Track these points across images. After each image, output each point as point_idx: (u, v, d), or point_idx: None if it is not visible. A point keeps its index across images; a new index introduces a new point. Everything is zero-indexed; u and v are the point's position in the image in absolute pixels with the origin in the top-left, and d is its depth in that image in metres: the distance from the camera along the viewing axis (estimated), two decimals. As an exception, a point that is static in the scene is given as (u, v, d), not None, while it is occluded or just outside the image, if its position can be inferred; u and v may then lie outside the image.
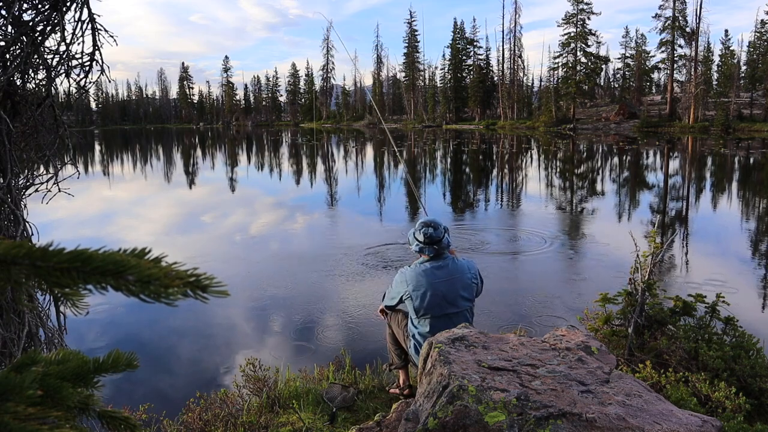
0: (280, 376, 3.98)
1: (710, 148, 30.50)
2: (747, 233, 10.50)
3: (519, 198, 15.56)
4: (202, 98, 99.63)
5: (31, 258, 0.45)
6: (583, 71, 52.64)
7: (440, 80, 70.57)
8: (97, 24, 2.43)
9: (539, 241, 9.41)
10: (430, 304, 3.23)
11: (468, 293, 3.31)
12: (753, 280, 7.37)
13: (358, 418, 3.44)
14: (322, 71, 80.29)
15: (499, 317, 5.85)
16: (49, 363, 0.70)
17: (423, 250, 3.31)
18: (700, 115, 44.42)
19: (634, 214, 12.84)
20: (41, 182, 2.45)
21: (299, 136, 55.44)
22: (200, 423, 3.24)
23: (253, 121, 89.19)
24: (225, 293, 0.47)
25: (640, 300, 3.87)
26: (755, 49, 50.53)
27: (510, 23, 59.24)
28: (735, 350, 3.47)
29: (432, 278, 3.25)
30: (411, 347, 3.40)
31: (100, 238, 10.62)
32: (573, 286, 7.14)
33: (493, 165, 25.70)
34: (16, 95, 2.26)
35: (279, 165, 28.56)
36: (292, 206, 15.01)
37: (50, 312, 2.46)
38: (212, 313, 6.22)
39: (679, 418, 1.93)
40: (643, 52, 59.75)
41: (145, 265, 0.45)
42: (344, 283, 7.26)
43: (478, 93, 61.55)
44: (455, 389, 2.02)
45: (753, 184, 17.55)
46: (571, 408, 1.88)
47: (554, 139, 41.46)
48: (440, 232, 3.31)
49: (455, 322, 3.13)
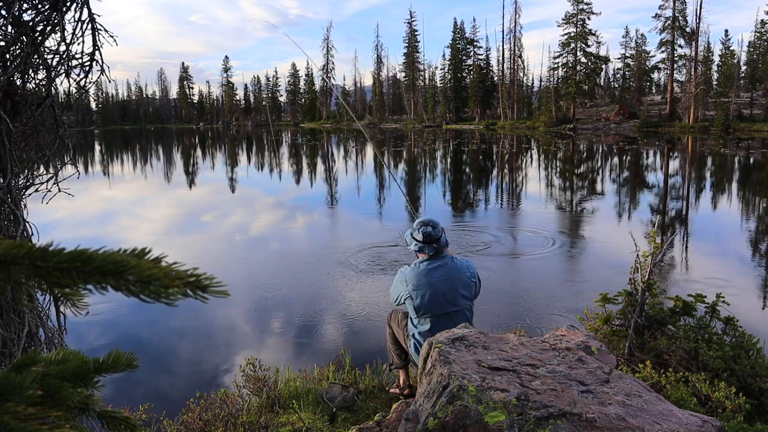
0: (280, 376, 3.98)
1: (710, 148, 30.50)
2: (747, 233, 10.50)
3: (519, 198, 15.56)
4: (202, 98, 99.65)
5: (31, 258, 0.45)
6: (583, 71, 52.64)
7: (440, 80, 70.59)
8: (97, 24, 2.43)
9: (539, 241, 9.41)
10: (430, 303, 3.23)
11: (467, 292, 3.32)
12: (753, 280, 7.37)
13: (358, 418, 3.44)
14: (322, 71, 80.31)
15: (499, 317, 5.85)
16: (49, 363, 0.70)
17: (422, 249, 3.33)
18: (700, 115, 44.42)
19: (634, 214, 12.84)
20: (41, 182, 2.44)
21: (299, 136, 55.46)
22: (200, 423, 3.24)
23: (253, 121, 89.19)
24: (225, 293, 0.47)
25: (640, 300, 3.87)
26: (755, 49, 50.53)
27: (510, 23, 59.27)
28: (735, 350, 3.47)
29: (432, 277, 3.25)
30: (411, 347, 3.40)
31: (100, 238, 10.62)
32: (573, 286, 7.14)
33: (493, 165, 25.70)
34: (16, 95, 2.26)
35: (279, 165, 28.57)
36: (291, 206, 15.01)
37: (50, 312, 2.46)
38: (212, 313, 6.23)
39: (679, 418, 1.93)
40: (643, 52, 59.75)
41: (145, 265, 0.45)
42: (344, 283, 7.26)
43: (478, 93, 61.54)
44: (455, 389, 2.02)
45: (753, 184, 17.55)
46: (571, 408, 1.88)
47: (554, 139, 41.46)
48: (439, 231, 3.33)
49: (456, 321, 3.13)
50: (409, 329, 3.44)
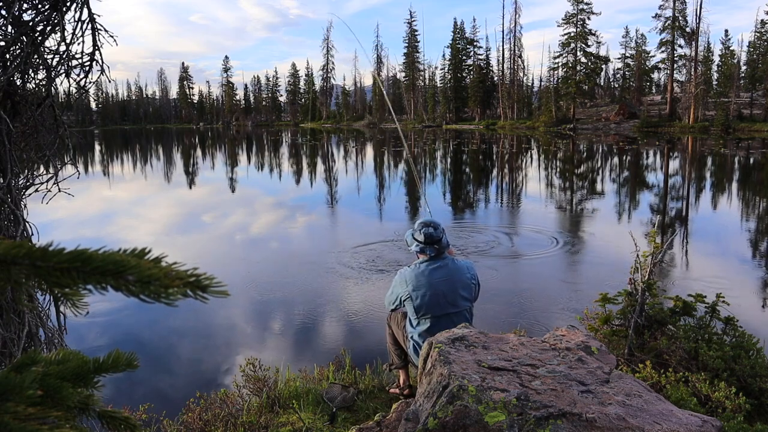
0: (280, 376, 3.98)
1: (710, 148, 30.50)
2: (747, 233, 10.50)
3: (519, 198, 15.56)
4: (202, 98, 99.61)
5: (31, 258, 0.45)
6: (583, 71, 52.64)
7: (440, 80, 70.59)
8: (97, 24, 2.43)
9: (539, 241, 9.41)
10: (430, 304, 3.23)
11: (467, 293, 3.31)
12: (753, 280, 7.37)
13: (358, 418, 3.44)
14: (322, 71, 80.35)
15: (499, 317, 5.85)
16: (49, 363, 0.70)
17: (423, 250, 3.32)
18: (700, 115, 44.41)
19: (634, 214, 12.84)
20: (41, 182, 2.44)
21: (299, 136, 55.45)
22: (200, 423, 3.24)
23: (253, 121, 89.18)
24: (225, 293, 0.47)
25: (640, 300, 3.87)
26: (755, 49, 50.53)
27: (510, 23, 59.28)
28: (735, 350, 3.47)
29: (432, 278, 3.25)
30: (410, 348, 3.40)
31: (100, 238, 10.62)
32: (573, 286, 7.13)
33: (493, 165, 25.70)
34: (16, 95, 2.26)
35: (279, 165, 28.57)
36: (291, 206, 15.01)
37: (50, 312, 2.46)
38: (212, 313, 6.22)
39: (679, 418, 1.93)
40: (643, 52, 59.74)
41: (145, 266, 0.45)
42: (344, 283, 7.26)
43: (478, 93, 61.53)
44: (455, 389, 2.02)
45: (753, 184, 17.55)
46: (571, 408, 1.88)
47: (554, 139, 41.45)
48: (440, 231, 3.33)
49: (456, 322, 3.13)
50: (407, 330, 3.43)
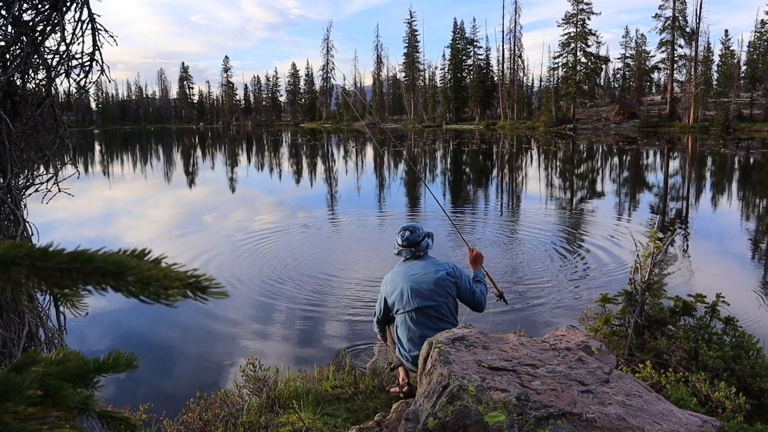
0: (280, 376, 3.98)
1: (710, 148, 30.49)
2: (747, 233, 10.50)
3: (519, 198, 15.56)
4: (202, 98, 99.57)
5: (31, 258, 0.45)
6: (583, 71, 52.61)
7: (440, 80, 70.51)
8: (97, 24, 2.43)
9: (539, 241, 9.41)
10: (405, 299, 3.30)
11: (441, 289, 3.30)
12: (753, 280, 7.36)
13: (358, 418, 3.44)
14: (322, 71, 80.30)
15: (499, 317, 5.85)
16: (49, 363, 0.70)
17: (401, 253, 3.45)
18: (700, 115, 44.40)
19: (635, 214, 12.84)
20: (41, 182, 2.44)
21: (299, 136, 55.44)
22: (200, 423, 3.24)
23: (253, 121, 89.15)
24: (224, 294, 0.47)
25: (640, 300, 3.87)
26: (755, 49, 50.52)
27: (510, 23, 59.18)
28: (735, 350, 3.47)
29: (406, 273, 3.35)
30: (396, 350, 3.45)
31: (100, 238, 10.62)
32: (573, 286, 7.13)
33: (494, 165, 25.70)
34: (16, 95, 2.26)
35: (279, 165, 28.57)
36: (292, 206, 15.01)
37: (50, 312, 2.46)
38: (212, 313, 6.23)
39: (679, 418, 1.93)
40: (643, 52, 59.70)
41: (145, 266, 0.45)
42: (344, 283, 7.26)
43: (478, 93, 61.50)
44: (455, 389, 2.02)
45: (753, 184, 17.55)
46: (571, 408, 1.88)
47: (554, 139, 41.45)
48: (417, 235, 3.41)
49: (431, 317, 3.23)
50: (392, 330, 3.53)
